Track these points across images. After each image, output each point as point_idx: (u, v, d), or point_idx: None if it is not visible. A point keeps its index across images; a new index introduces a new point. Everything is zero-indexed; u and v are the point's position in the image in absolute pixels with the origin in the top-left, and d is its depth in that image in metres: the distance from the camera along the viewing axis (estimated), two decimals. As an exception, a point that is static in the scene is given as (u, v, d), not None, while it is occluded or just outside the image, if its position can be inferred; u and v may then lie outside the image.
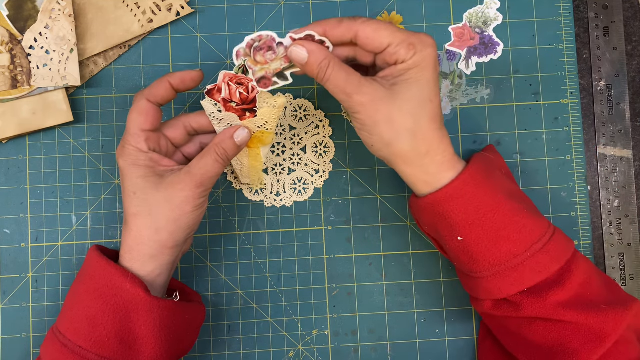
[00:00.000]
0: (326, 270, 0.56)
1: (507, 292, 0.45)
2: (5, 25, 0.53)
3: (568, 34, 0.57)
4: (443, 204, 0.45)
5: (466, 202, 0.44)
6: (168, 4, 0.55)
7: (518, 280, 0.44)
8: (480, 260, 0.45)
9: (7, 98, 0.53)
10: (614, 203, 0.57)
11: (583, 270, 0.45)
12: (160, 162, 0.46)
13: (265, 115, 0.48)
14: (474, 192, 0.44)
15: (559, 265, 0.44)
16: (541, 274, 0.44)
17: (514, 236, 0.44)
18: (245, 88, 0.47)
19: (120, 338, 0.44)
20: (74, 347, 0.44)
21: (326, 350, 0.55)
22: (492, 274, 0.45)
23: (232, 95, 0.47)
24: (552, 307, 0.44)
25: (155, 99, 0.46)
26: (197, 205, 0.45)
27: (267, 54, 0.45)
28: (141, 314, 0.44)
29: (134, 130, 0.46)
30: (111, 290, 0.44)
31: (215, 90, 0.47)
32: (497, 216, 0.44)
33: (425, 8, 0.57)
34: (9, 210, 0.55)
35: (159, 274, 0.46)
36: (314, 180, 0.56)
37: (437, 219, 0.46)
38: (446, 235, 0.46)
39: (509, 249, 0.44)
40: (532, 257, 0.44)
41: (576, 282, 0.44)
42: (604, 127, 0.58)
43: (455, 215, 0.45)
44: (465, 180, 0.44)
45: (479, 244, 0.45)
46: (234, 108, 0.47)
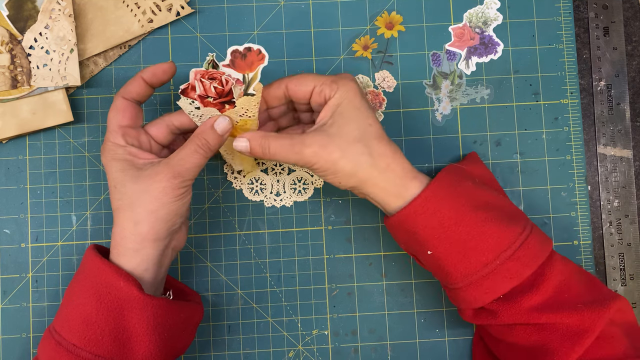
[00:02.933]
0: (326, 270, 0.56)
1: (483, 301, 0.46)
2: (5, 25, 0.53)
3: (568, 34, 0.57)
4: (409, 220, 0.46)
5: (429, 217, 0.45)
6: (168, 4, 0.55)
7: (491, 289, 0.45)
8: (452, 272, 0.46)
9: (7, 98, 0.53)
10: (614, 203, 0.57)
11: (559, 272, 0.45)
12: (139, 155, 0.47)
13: (244, 103, 0.47)
14: (436, 207, 0.45)
15: (531, 270, 0.45)
16: (513, 280, 0.45)
17: (481, 246, 0.45)
18: (219, 82, 0.47)
19: (115, 336, 0.44)
20: (69, 345, 0.44)
21: (326, 350, 0.55)
22: (466, 284, 0.46)
23: (207, 90, 0.47)
24: (527, 312, 0.45)
25: (130, 95, 0.47)
26: (176, 196, 0.45)
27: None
28: (135, 312, 0.44)
29: (112, 127, 0.47)
30: (105, 289, 0.44)
31: (189, 88, 0.47)
32: (461, 228, 0.45)
33: (425, 8, 0.57)
34: (9, 210, 0.55)
35: (145, 269, 0.46)
36: (314, 180, 0.56)
37: (407, 236, 0.47)
38: (418, 250, 0.47)
39: (478, 259, 0.45)
40: (502, 265, 0.45)
41: (551, 285, 0.45)
42: (604, 127, 0.58)
43: (422, 231, 0.46)
44: (427, 196, 0.45)
45: (448, 257, 0.46)
46: (212, 103, 0.47)
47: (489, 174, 0.52)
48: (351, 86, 0.47)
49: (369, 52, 0.57)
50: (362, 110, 0.47)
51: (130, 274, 0.44)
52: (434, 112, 0.57)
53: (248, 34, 0.56)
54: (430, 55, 0.57)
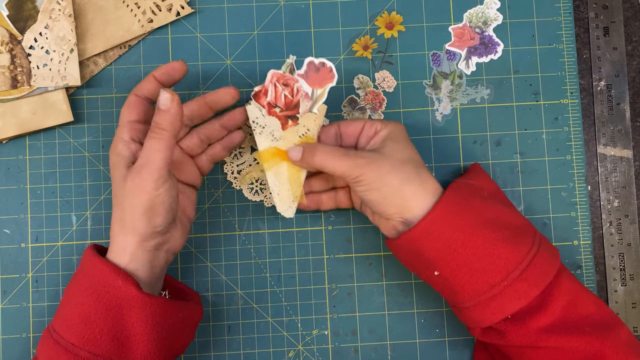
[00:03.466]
0: (326, 270, 0.56)
1: (491, 320, 0.45)
2: (5, 25, 0.53)
3: (568, 34, 0.57)
4: (415, 242, 0.46)
5: (435, 239, 0.45)
6: (168, 4, 0.55)
7: (499, 309, 0.45)
8: (460, 292, 0.46)
9: (7, 98, 0.53)
10: (614, 203, 0.57)
11: (566, 291, 0.45)
12: (137, 152, 0.46)
13: (306, 121, 0.48)
14: (442, 229, 0.45)
15: (539, 290, 0.44)
16: (520, 300, 0.44)
17: (489, 267, 0.45)
18: (291, 90, 0.48)
19: (113, 335, 0.44)
20: (67, 344, 0.44)
21: (326, 350, 0.55)
22: (473, 304, 0.46)
23: (277, 98, 0.48)
24: (535, 334, 0.44)
25: (142, 92, 0.48)
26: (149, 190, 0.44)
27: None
28: (133, 311, 0.44)
29: (122, 122, 0.47)
30: (103, 288, 0.44)
31: (262, 92, 0.48)
32: (468, 250, 0.45)
33: (425, 8, 0.57)
34: (9, 210, 0.55)
35: (135, 268, 0.45)
36: (314, 180, 0.56)
37: (413, 257, 0.47)
38: (423, 271, 0.47)
39: (485, 280, 0.45)
40: (509, 286, 0.44)
41: (558, 305, 0.45)
42: (604, 127, 0.58)
43: (428, 252, 0.46)
44: (432, 219, 0.45)
45: (455, 278, 0.46)
46: (277, 114, 0.48)
47: (494, 185, 0.52)
48: (400, 125, 0.50)
49: (369, 52, 0.57)
50: (410, 144, 0.49)
51: (128, 273, 0.44)
52: (434, 112, 0.57)
53: (248, 34, 0.56)
54: (430, 55, 0.57)
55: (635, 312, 0.56)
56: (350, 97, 0.57)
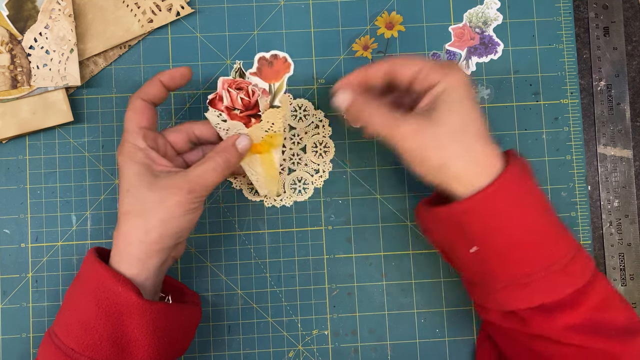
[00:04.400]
0: (326, 270, 0.56)
1: (517, 306, 0.44)
2: (5, 25, 0.53)
3: (568, 34, 0.57)
4: (464, 214, 0.43)
5: (487, 214, 0.43)
6: (168, 4, 0.55)
7: (529, 297, 0.43)
8: (492, 272, 0.44)
9: (7, 98, 0.53)
10: (614, 203, 0.57)
11: (599, 292, 0.44)
12: (157, 160, 0.46)
13: (270, 117, 0.48)
14: (496, 206, 0.43)
15: (575, 287, 0.43)
16: (555, 294, 0.43)
17: (533, 254, 0.43)
18: (246, 92, 0.47)
19: (113, 341, 0.44)
20: (67, 349, 0.44)
21: (326, 350, 0.55)
22: (503, 287, 0.44)
23: (234, 102, 0.47)
24: (562, 329, 0.43)
25: (148, 97, 0.47)
26: (188, 210, 0.45)
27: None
28: (134, 317, 0.44)
29: (131, 128, 0.46)
30: (104, 294, 0.44)
31: (216, 99, 0.48)
32: (518, 231, 0.43)
33: (425, 8, 0.57)
34: (9, 210, 0.55)
35: (145, 278, 0.45)
36: (314, 180, 0.56)
37: (452, 229, 0.45)
38: (460, 245, 0.45)
39: (523, 267, 0.43)
40: (547, 277, 0.43)
41: (590, 305, 0.43)
42: (604, 127, 0.58)
43: (474, 226, 0.43)
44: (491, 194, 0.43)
45: (494, 258, 0.44)
46: (238, 116, 0.48)
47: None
48: (459, 75, 0.44)
49: (369, 52, 0.57)
50: (466, 103, 0.44)
51: (128, 279, 0.44)
52: (434, 112, 0.57)
53: (248, 34, 0.56)
54: (430, 55, 0.57)
55: (636, 312, 0.56)
56: None
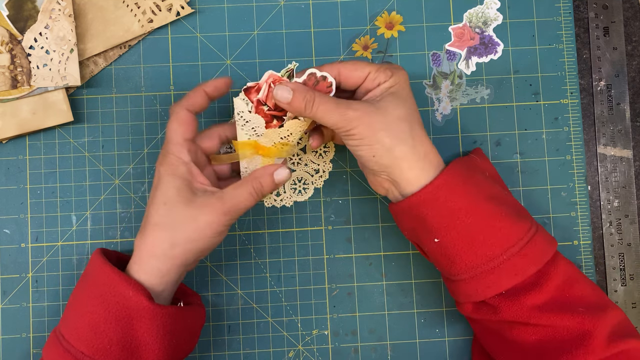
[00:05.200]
0: (326, 270, 0.56)
1: (485, 295, 0.45)
2: (5, 25, 0.53)
3: (568, 34, 0.57)
4: (419, 207, 0.45)
5: (440, 205, 0.45)
6: (168, 4, 0.55)
7: (495, 283, 0.45)
8: (457, 263, 0.46)
9: (7, 98, 0.53)
10: (614, 203, 0.57)
11: (562, 272, 0.45)
12: (198, 177, 0.46)
13: (291, 126, 0.48)
14: (448, 195, 0.45)
15: (536, 268, 0.45)
16: (517, 276, 0.44)
17: (490, 239, 0.45)
18: None
19: (123, 345, 0.44)
20: (77, 353, 0.44)
21: (326, 350, 0.55)
22: (469, 277, 0.46)
23: (268, 98, 0.48)
24: (528, 310, 0.44)
25: (193, 108, 0.47)
26: (217, 232, 0.45)
27: None
28: (144, 321, 0.44)
29: (177, 140, 0.46)
30: (114, 298, 0.44)
31: (254, 89, 0.48)
32: (471, 219, 0.45)
33: (425, 8, 0.57)
34: (9, 210, 0.55)
35: (162, 290, 0.46)
36: (314, 180, 0.56)
37: (415, 222, 0.47)
38: (424, 238, 0.47)
39: (484, 252, 0.45)
40: (508, 260, 0.44)
41: (553, 284, 0.45)
42: (604, 127, 0.58)
43: (431, 218, 0.45)
44: (439, 184, 0.45)
45: (455, 247, 0.45)
46: (264, 111, 0.48)
47: (495, 170, 0.52)
48: (404, 75, 0.48)
49: (369, 52, 0.57)
50: (410, 98, 0.47)
51: (139, 283, 0.44)
52: (434, 112, 0.57)
53: (248, 34, 0.56)
54: (430, 55, 0.57)
55: (635, 312, 0.56)
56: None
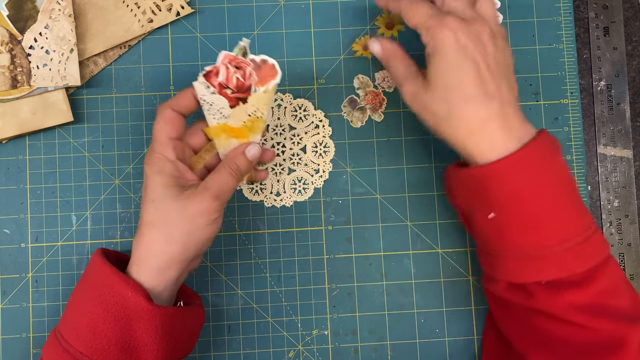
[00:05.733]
0: (326, 270, 0.56)
1: (525, 279, 0.44)
2: (5, 25, 0.53)
3: (568, 34, 0.57)
4: (490, 178, 0.44)
5: (510, 181, 0.43)
6: (168, 4, 0.55)
7: (540, 270, 0.44)
8: (507, 241, 0.44)
9: (7, 98, 0.53)
10: (614, 203, 0.57)
11: (609, 278, 0.44)
12: (185, 174, 0.47)
13: (255, 101, 0.47)
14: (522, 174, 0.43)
15: (585, 267, 0.43)
16: (563, 271, 0.43)
17: (547, 228, 0.43)
18: (243, 73, 0.47)
19: (122, 345, 0.44)
20: (76, 352, 0.44)
21: (326, 350, 0.55)
22: (514, 257, 0.44)
23: (229, 80, 0.47)
24: (565, 306, 0.44)
25: (179, 108, 0.47)
26: (211, 220, 0.45)
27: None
28: (142, 322, 0.44)
29: (162, 139, 0.46)
30: (113, 298, 0.44)
31: (213, 72, 0.47)
32: (535, 204, 0.43)
33: (425, 8, 0.57)
34: (9, 210, 0.55)
35: (163, 289, 0.46)
36: (314, 180, 0.56)
37: (475, 193, 0.45)
38: (479, 210, 0.45)
39: (538, 239, 0.43)
40: (559, 253, 0.43)
41: (596, 288, 0.44)
42: (604, 127, 0.58)
43: (495, 192, 0.44)
44: (520, 158, 0.43)
45: (509, 226, 0.44)
46: (228, 95, 0.47)
47: None
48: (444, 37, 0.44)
49: (369, 52, 0.57)
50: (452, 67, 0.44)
51: (138, 284, 0.44)
52: (434, 112, 0.57)
53: (248, 34, 0.56)
54: (430, 55, 0.57)
55: None
56: (350, 97, 0.57)
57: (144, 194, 0.46)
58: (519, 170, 0.43)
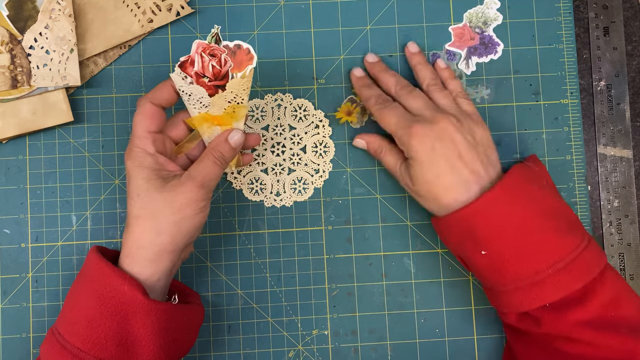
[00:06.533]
0: (326, 270, 0.56)
1: (528, 306, 0.46)
2: (5, 25, 0.53)
3: (568, 34, 0.57)
4: (469, 219, 0.46)
5: (492, 218, 0.46)
6: (168, 4, 0.55)
7: (539, 295, 0.45)
8: (503, 274, 0.46)
9: (7, 98, 0.53)
10: (614, 203, 0.57)
11: (609, 289, 0.45)
12: (166, 165, 0.47)
13: (233, 87, 0.47)
14: (500, 209, 0.46)
15: (582, 284, 0.45)
16: (561, 291, 0.45)
17: (537, 254, 0.45)
18: (218, 60, 0.46)
19: (119, 341, 0.44)
20: (73, 348, 0.44)
21: (326, 350, 0.55)
22: (514, 288, 0.46)
23: (204, 68, 0.46)
24: (571, 325, 0.45)
25: (159, 101, 0.47)
26: (198, 209, 0.45)
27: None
28: (139, 316, 0.44)
29: (141, 133, 0.46)
30: (109, 293, 0.44)
31: (188, 62, 0.47)
32: (520, 233, 0.45)
33: (425, 8, 0.57)
34: (9, 210, 0.55)
35: (157, 279, 0.46)
36: (314, 180, 0.56)
37: (463, 235, 0.47)
38: (471, 250, 0.47)
39: (530, 266, 0.45)
40: (553, 275, 0.45)
41: (599, 302, 0.45)
42: (604, 127, 0.58)
43: (480, 230, 0.46)
44: (492, 197, 0.46)
45: (501, 259, 0.46)
46: (206, 84, 0.47)
47: (550, 178, 0.51)
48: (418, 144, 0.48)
49: (353, 118, 0.57)
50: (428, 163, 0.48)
51: (134, 279, 0.44)
52: (434, 112, 0.57)
53: (248, 34, 0.56)
54: (431, 55, 0.57)
55: (635, 312, 0.56)
56: (350, 97, 0.57)
57: (129, 188, 0.46)
58: (499, 203, 0.46)
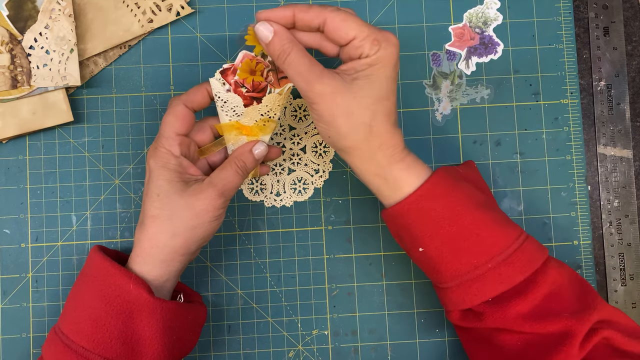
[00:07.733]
0: (326, 270, 0.56)
1: (471, 303, 0.45)
2: (5, 25, 0.53)
3: (568, 34, 0.57)
4: (404, 216, 0.45)
5: (424, 214, 0.45)
6: (168, 4, 0.55)
7: (480, 291, 0.45)
8: (442, 271, 0.46)
9: (7, 98, 0.53)
10: (614, 203, 0.57)
11: (551, 281, 0.45)
12: (188, 169, 0.47)
13: (269, 101, 0.47)
14: (432, 204, 0.45)
15: (523, 276, 0.44)
16: (503, 284, 0.44)
17: (475, 247, 0.44)
18: (261, 73, 0.47)
19: (124, 339, 0.44)
20: (77, 347, 0.44)
21: (326, 350, 0.55)
22: (455, 285, 0.45)
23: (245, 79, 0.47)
24: (513, 318, 0.44)
25: (192, 104, 0.47)
26: (215, 216, 0.46)
27: None
28: (144, 315, 0.44)
29: (169, 134, 0.46)
30: (114, 291, 0.44)
31: (230, 70, 0.47)
32: (455, 228, 0.44)
33: (425, 8, 0.57)
34: (9, 210, 0.55)
35: (166, 280, 0.46)
36: (314, 180, 0.56)
37: (401, 230, 0.47)
38: (410, 246, 0.47)
39: (469, 260, 0.44)
40: (493, 269, 0.44)
41: (540, 293, 0.44)
42: (604, 127, 0.58)
43: (415, 227, 0.45)
44: (423, 193, 0.45)
45: (439, 255, 0.45)
46: (243, 94, 0.47)
47: (484, 183, 0.51)
48: (391, 51, 0.43)
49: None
50: (389, 82, 0.44)
51: (139, 277, 0.45)
52: (434, 112, 0.57)
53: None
54: (430, 55, 0.57)
55: (636, 312, 0.56)
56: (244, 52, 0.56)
57: (147, 187, 0.46)
58: (430, 200, 0.45)
